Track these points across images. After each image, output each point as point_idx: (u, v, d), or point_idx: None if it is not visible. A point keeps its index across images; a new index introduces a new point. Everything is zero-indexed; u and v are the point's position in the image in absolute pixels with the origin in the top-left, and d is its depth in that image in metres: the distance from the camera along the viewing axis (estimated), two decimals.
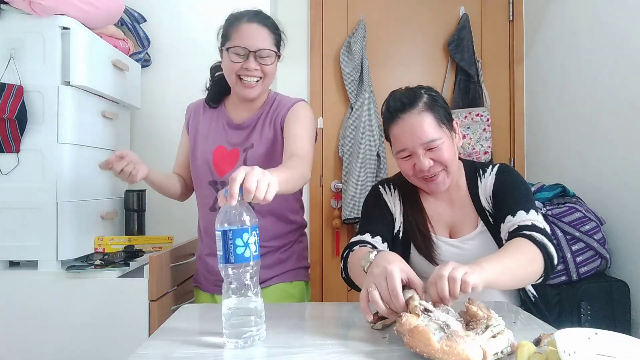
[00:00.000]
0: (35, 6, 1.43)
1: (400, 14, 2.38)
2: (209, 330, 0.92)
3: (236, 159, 1.33)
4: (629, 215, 1.62)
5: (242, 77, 1.27)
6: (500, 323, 0.75)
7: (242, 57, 1.25)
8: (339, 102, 2.38)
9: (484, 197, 1.17)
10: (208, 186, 1.36)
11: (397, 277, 0.82)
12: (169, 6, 2.08)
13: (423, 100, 1.12)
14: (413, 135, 1.09)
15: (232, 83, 1.30)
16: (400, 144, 1.13)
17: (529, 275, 1.00)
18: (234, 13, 1.32)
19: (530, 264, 0.98)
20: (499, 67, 2.38)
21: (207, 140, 1.37)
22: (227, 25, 1.29)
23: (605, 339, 0.69)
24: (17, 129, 1.41)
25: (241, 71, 1.26)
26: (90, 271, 1.45)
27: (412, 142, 1.09)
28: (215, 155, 1.34)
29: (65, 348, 1.43)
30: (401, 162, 1.15)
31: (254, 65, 1.25)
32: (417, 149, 1.10)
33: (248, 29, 1.25)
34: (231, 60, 1.25)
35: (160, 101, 2.07)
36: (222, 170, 1.34)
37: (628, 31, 1.62)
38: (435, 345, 0.70)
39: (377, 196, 1.25)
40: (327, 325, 0.99)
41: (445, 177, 1.13)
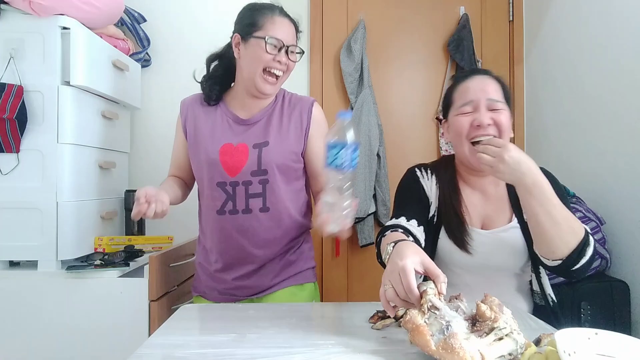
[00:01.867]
0: (35, 6, 1.43)
1: (400, 14, 2.38)
2: (209, 330, 0.92)
3: (246, 155, 1.25)
4: (629, 215, 1.62)
5: (269, 70, 1.23)
6: (507, 326, 0.73)
7: (276, 50, 1.21)
8: (339, 102, 2.38)
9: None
10: (216, 187, 1.27)
11: (410, 273, 0.80)
12: (169, 6, 2.08)
13: (499, 78, 1.18)
14: (482, 90, 1.13)
15: (253, 74, 1.23)
16: (466, 96, 1.14)
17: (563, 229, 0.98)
18: (259, 3, 1.28)
19: (572, 225, 1.00)
20: (499, 67, 2.38)
21: (211, 138, 1.29)
22: (256, 14, 1.24)
23: (605, 339, 0.69)
24: (17, 129, 1.41)
25: (271, 63, 1.22)
26: (90, 271, 1.45)
27: (480, 95, 1.12)
28: (222, 154, 1.27)
29: (65, 348, 1.43)
30: (459, 118, 1.14)
31: (285, 59, 1.23)
32: (482, 103, 1.11)
33: (283, 23, 1.24)
34: (266, 51, 1.20)
35: (160, 101, 2.07)
36: (233, 170, 1.26)
37: (628, 31, 1.62)
38: (432, 347, 0.70)
39: (414, 179, 1.24)
40: (327, 325, 0.99)
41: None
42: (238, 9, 1.34)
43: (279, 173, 1.26)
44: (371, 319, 0.95)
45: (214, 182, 1.27)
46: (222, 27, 2.08)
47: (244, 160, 1.25)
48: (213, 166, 1.27)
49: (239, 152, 1.26)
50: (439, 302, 0.78)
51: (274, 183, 1.26)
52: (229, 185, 1.26)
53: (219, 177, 1.27)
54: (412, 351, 0.77)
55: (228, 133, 1.29)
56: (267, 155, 1.25)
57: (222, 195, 1.27)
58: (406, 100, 2.38)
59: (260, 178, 1.25)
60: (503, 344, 0.71)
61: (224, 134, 1.29)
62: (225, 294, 1.31)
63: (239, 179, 1.25)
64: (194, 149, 1.32)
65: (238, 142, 1.27)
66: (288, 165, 1.28)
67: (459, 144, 1.16)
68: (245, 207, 1.26)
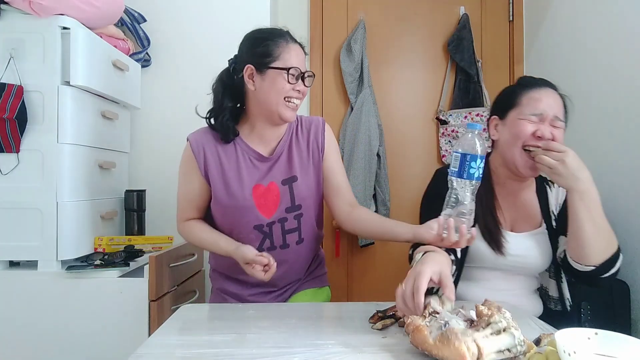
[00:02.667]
0: (35, 6, 1.43)
1: (400, 14, 2.38)
2: (209, 330, 0.92)
3: (276, 194, 1.25)
4: (629, 215, 1.62)
5: (290, 99, 1.21)
6: (504, 320, 0.74)
7: (296, 79, 1.20)
8: (339, 102, 2.38)
9: (554, 202, 1.24)
10: (253, 230, 1.25)
11: (424, 278, 0.84)
12: (169, 6, 2.08)
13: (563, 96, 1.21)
14: (553, 105, 1.16)
15: (275, 105, 1.20)
16: (537, 106, 1.16)
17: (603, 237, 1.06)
18: (266, 30, 1.25)
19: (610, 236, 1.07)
20: (499, 67, 2.38)
21: (241, 181, 1.24)
22: (270, 44, 1.20)
23: (605, 339, 0.69)
24: (17, 129, 1.41)
25: (291, 92, 1.20)
26: (90, 271, 1.45)
27: (551, 109, 1.15)
28: (256, 197, 1.24)
29: (65, 348, 1.43)
30: (524, 123, 1.16)
31: (304, 88, 1.22)
32: (549, 117, 1.15)
33: (297, 51, 1.22)
34: (288, 81, 1.18)
35: (160, 101, 2.07)
36: (268, 211, 1.25)
37: (628, 31, 1.62)
38: (430, 341, 0.72)
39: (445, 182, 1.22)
40: (327, 325, 0.99)
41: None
42: (238, 8, 1.33)
43: (311, 205, 1.30)
44: (371, 319, 0.95)
45: (250, 226, 1.25)
46: (222, 27, 2.10)
47: (277, 199, 1.25)
48: (248, 210, 1.24)
49: (271, 192, 1.25)
50: (439, 307, 0.79)
51: (307, 215, 1.29)
52: (265, 226, 1.26)
53: (255, 220, 1.24)
54: (412, 351, 0.77)
55: (255, 173, 1.26)
56: (298, 190, 1.26)
57: (258, 236, 1.26)
58: (406, 100, 2.38)
59: (295, 213, 1.27)
60: (500, 338, 0.71)
61: (251, 175, 1.25)
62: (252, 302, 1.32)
63: (275, 218, 1.26)
64: (222, 196, 1.25)
65: (268, 182, 1.25)
66: (317, 195, 1.31)
67: (512, 145, 1.18)
68: (282, 242, 1.28)
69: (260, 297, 1.34)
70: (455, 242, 1.01)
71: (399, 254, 2.36)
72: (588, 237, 1.05)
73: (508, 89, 1.27)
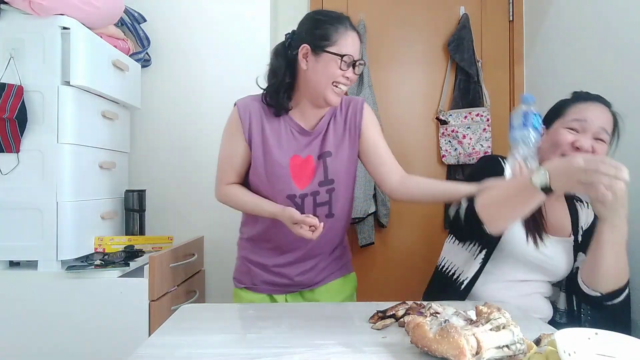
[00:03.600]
0: (35, 6, 1.43)
1: (400, 14, 2.38)
2: (209, 330, 0.92)
3: (312, 167, 1.28)
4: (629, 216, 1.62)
5: (337, 85, 1.23)
6: (503, 317, 0.74)
7: (348, 66, 1.21)
8: None
9: (584, 219, 1.27)
10: (285, 200, 1.27)
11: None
12: (169, 6, 2.08)
13: (614, 112, 1.21)
14: (599, 117, 1.16)
15: (323, 87, 1.22)
16: (582, 114, 1.17)
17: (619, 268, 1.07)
18: (329, 13, 1.27)
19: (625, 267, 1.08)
20: (499, 67, 2.38)
21: (281, 149, 1.28)
22: (329, 28, 1.21)
23: (605, 339, 0.69)
24: (17, 129, 1.41)
25: (341, 78, 1.22)
26: (90, 271, 1.45)
27: (595, 120, 1.15)
28: (292, 166, 1.27)
29: (65, 348, 1.43)
30: (564, 131, 1.18)
31: (352, 74, 1.23)
32: (592, 128, 1.14)
33: (354, 39, 1.23)
34: (340, 67, 1.20)
35: (160, 101, 2.07)
36: (302, 183, 1.28)
37: (628, 31, 1.62)
38: (430, 335, 0.72)
39: (497, 162, 1.25)
40: (327, 325, 0.99)
41: None
42: (238, 8, 1.33)
43: (343, 181, 1.32)
44: (371, 319, 0.95)
45: (283, 195, 1.27)
46: (222, 27, 2.10)
47: (312, 173, 1.29)
48: (283, 179, 1.27)
49: (307, 164, 1.29)
50: (440, 308, 0.80)
51: (339, 190, 1.31)
52: (298, 197, 1.28)
53: (288, 189, 1.27)
54: (412, 351, 0.77)
55: (294, 144, 1.29)
56: (332, 165, 1.29)
57: (290, 206, 1.26)
58: (406, 100, 2.38)
59: (327, 187, 1.29)
60: (499, 334, 0.71)
61: (290, 145, 1.29)
62: (280, 285, 1.36)
63: (308, 191, 1.28)
64: (261, 162, 1.28)
65: (306, 154, 1.29)
66: (350, 171, 1.34)
67: (551, 153, 1.18)
68: (313, 214, 1.27)
69: (284, 268, 1.35)
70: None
71: (399, 254, 2.36)
72: (605, 267, 1.07)
73: (560, 101, 1.28)
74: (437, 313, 0.81)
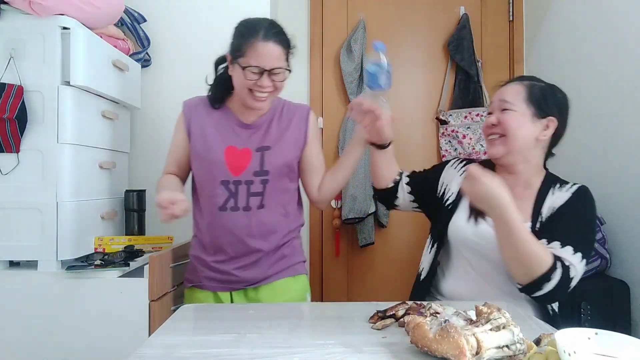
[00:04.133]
0: (35, 6, 1.43)
1: (400, 14, 2.38)
2: (209, 330, 0.92)
3: (249, 157, 1.35)
4: (629, 215, 1.62)
5: (254, 91, 1.28)
6: (502, 317, 0.74)
7: (257, 75, 1.25)
8: (339, 102, 2.38)
9: (548, 206, 1.19)
10: (219, 185, 1.34)
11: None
12: (169, 6, 2.08)
13: (532, 81, 1.26)
14: (501, 93, 1.26)
15: (243, 95, 1.30)
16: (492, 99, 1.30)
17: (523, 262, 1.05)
18: (248, 23, 1.30)
19: (534, 259, 1.05)
20: (499, 67, 2.38)
21: (217, 140, 1.36)
22: (242, 39, 1.27)
23: (605, 339, 0.69)
24: (17, 129, 1.41)
25: (254, 87, 1.27)
26: (90, 271, 1.45)
27: (497, 97, 1.26)
28: (227, 155, 1.35)
29: (65, 348, 1.43)
30: (488, 116, 1.30)
31: (267, 83, 1.27)
32: (495, 104, 1.25)
33: (264, 49, 1.24)
34: (246, 78, 1.25)
35: (160, 101, 2.07)
36: (237, 169, 1.34)
37: (628, 31, 1.62)
38: (430, 335, 0.72)
39: (443, 163, 1.45)
40: (327, 325, 0.99)
41: (501, 145, 1.22)
42: (238, 8, 1.34)
43: (278, 176, 1.36)
44: (371, 319, 0.95)
45: (217, 180, 1.34)
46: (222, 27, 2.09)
47: (247, 162, 1.34)
48: (217, 165, 1.34)
49: (242, 154, 1.35)
50: (440, 309, 0.80)
51: (273, 183, 1.36)
52: (232, 183, 1.34)
53: (222, 175, 1.34)
54: (412, 351, 0.77)
55: (232, 136, 1.37)
56: (269, 158, 1.35)
57: (224, 193, 1.34)
58: (406, 100, 2.39)
59: (262, 178, 1.35)
60: (499, 334, 0.71)
61: (229, 136, 1.37)
62: (224, 282, 1.37)
63: (242, 178, 1.34)
64: (198, 149, 1.37)
65: (242, 147, 1.36)
66: (286, 168, 1.38)
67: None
68: (246, 204, 1.34)
69: (223, 264, 1.36)
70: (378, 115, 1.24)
71: (399, 254, 2.36)
72: (506, 261, 1.10)
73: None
74: (437, 313, 0.81)
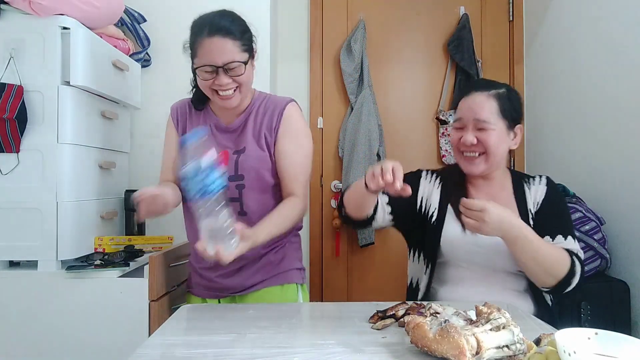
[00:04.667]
0: (35, 6, 1.43)
1: (400, 14, 2.38)
2: (209, 330, 0.92)
3: (226, 161, 1.28)
4: (629, 215, 1.62)
5: (217, 91, 1.22)
6: (502, 317, 0.74)
7: (212, 74, 1.19)
8: (339, 102, 2.38)
9: (532, 201, 1.23)
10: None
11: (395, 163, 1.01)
12: (169, 6, 2.08)
13: (498, 90, 1.21)
14: (472, 110, 1.19)
15: (210, 96, 1.25)
16: (459, 113, 1.24)
17: (546, 270, 1.07)
18: (197, 21, 1.24)
19: (555, 263, 1.07)
20: (499, 67, 2.38)
21: None
22: (192, 38, 1.22)
23: (605, 339, 0.69)
24: (17, 129, 1.41)
25: (214, 86, 1.21)
26: (90, 271, 1.45)
27: (469, 115, 1.19)
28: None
29: (65, 348, 1.43)
30: (453, 131, 1.26)
31: (226, 80, 1.19)
32: (469, 123, 1.19)
33: (210, 45, 1.17)
34: (202, 79, 1.20)
35: (160, 101, 2.07)
36: None
37: (628, 31, 1.62)
38: (430, 335, 0.72)
39: (416, 176, 1.35)
40: (327, 325, 0.99)
41: (482, 162, 1.20)
42: (238, 9, 1.33)
43: (255, 178, 1.27)
44: (371, 319, 0.95)
45: None
46: None
47: (224, 167, 1.26)
48: None
49: (221, 158, 1.27)
50: (440, 308, 0.80)
51: (250, 188, 1.27)
52: None
53: None
54: (412, 351, 0.77)
55: (211, 139, 1.27)
56: (244, 161, 1.26)
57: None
58: (406, 100, 2.39)
59: (236, 183, 1.26)
60: (499, 334, 0.71)
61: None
62: (210, 289, 1.34)
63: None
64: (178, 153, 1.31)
65: (220, 151, 1.28)
66: (262, 171, 1.28)
67: (453, 152, 1.28)
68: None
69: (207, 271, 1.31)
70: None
71: (399, 254, 2.36)
72: (531, 272, 1.10)
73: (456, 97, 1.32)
74: (437, 313, 0.81)
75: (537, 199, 1.23)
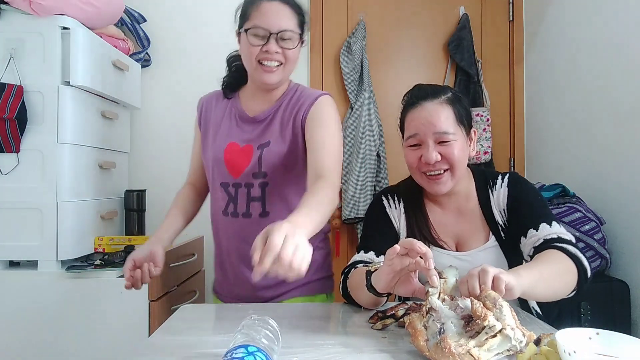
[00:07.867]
0: (35, 6, 1.43)
1: (400, 14, 2.38)
2: (209, 330, 0.92)
3: (250, 156, 1.18)
4: (629, 215, 1.62)
5: (262, 62, 1.13)
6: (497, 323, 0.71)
7: (262, 40, 1.10)
8: (339, 102, 2.37)
9: (497, 210, 1.11)
10: (220, 188, 1.20)
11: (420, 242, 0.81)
12: (169, 6, 2.08)
13: (447, 95, 1.08)
14: (428, 122, 1.05)
15: (251, 69, 1.16)
16: (412, 128, 1.07)
17: (564, 287, 0.95)
18: None
19: (565, 275, 0.95)
20: (499, 67, 2.38)
21: (217, 136, 1.23)
22: (247, 4, 1.15)
23: (605, 338, 0.69)
24: (17, 129, 1.41)
25: (261, 55, 1.12)
26: (90, 271, 1.45)
27: (425, 128, 1.05)
28: (227, 153, 1.19)
29: (65, 348, 1.43)
30: (408, 151, 1.09)
31: (275, 48, 1.11)
32: (428, 138, 1.05)
33: (270, 8, 1.11)
34: (250, 44, 1.11)
35: (160, 101, 2.07)
36: (237, 170, 1.18)
37: (627, 31, 1.62)
38: (426, 350, 0.73)
39: (380, 210, 1.18)
40: (327, 325, 0.99)
41: (449, 179, 1.07)
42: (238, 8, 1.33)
43: (279, 176, 1.17)
44: (371, 319, 0.95)
45: (218, 182, 1.21)
46: (222, 27, 2.09)
47: (247, 161, 1.18)
48: (218, 165, 1.21)
49: (244, 152, 1.19)
50: (436, 304, 0.78)
51: (274, 187, 1.17)
52: (231, 186, 1.19)
53: (222, 177, 1.20)
54: (412, 351, 0.77)
55: (234, 131, 1.22)
56: (267, 156, 1.16)
57: (224, 196, 1.20)
58: None
59: (260, 181, 1.17)
60: (495, 343, 0.70)
61: (230, 132, 1.22)
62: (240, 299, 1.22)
63: (242, 181, 1.18)
64: (204, 148, 1.27)
65: (244, 143, 1.20)
66: (287, 167, 1.18)
67: (413, 174, 1.13)
68: (245, 210, 1.18)
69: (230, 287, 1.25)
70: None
71: None
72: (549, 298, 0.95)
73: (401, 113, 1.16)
74: (433, 310, 0.79)
75: (501, 205, 1.10)
